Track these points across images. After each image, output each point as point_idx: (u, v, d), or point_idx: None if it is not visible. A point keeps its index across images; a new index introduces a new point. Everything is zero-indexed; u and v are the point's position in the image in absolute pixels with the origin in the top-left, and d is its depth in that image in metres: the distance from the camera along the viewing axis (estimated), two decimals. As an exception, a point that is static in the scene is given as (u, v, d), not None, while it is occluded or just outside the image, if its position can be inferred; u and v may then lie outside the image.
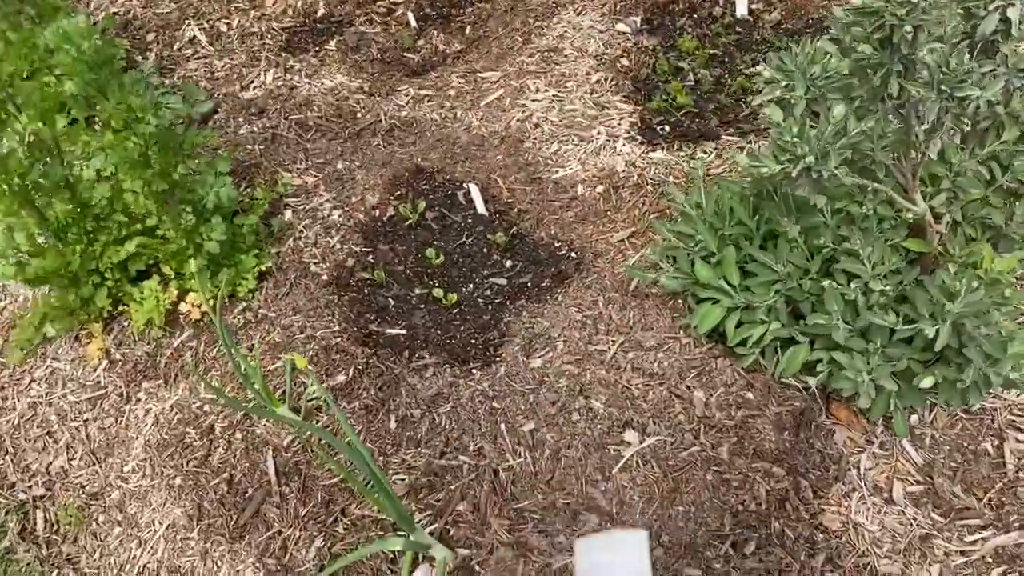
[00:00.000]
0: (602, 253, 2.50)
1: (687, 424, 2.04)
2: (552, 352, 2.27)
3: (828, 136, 1.63)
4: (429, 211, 2.73)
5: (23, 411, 2.53)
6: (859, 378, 1.83)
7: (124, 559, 2.20)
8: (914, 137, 1.78)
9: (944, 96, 1.59)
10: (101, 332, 2.54)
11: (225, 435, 2.26)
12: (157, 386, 2.42)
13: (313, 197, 2.77)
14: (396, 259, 2.62)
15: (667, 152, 2.68)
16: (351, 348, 2.34)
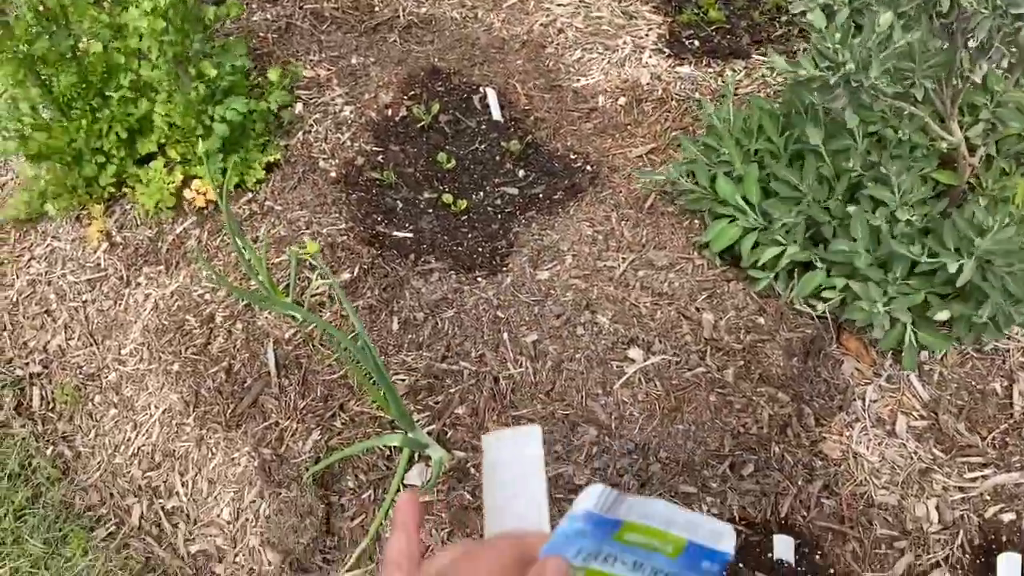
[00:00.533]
0: (619, 168, 2.43)
1: (694, 345, 2.00)
2: (560, 265, 2.23)
3: (872, 45, 1.55)
4: (443, 114, 2.64)
5: (22, 288, 2.50)
6: (874, 308, 1.78)
7: (119, 440, 2.20)
8: (958, 60, 1.69)
9: (998, 12, 1.50)
10: (102, 214, 2.49)
11: (225, 325, 2.24)
12: (158, 272, 2.39)
13: (325, 91, 2.69)
14: (406, 161, 2.55)
15: (695, 68, 2.58)
16: (357, 247, 2.30)
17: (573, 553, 0.58)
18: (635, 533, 0.58)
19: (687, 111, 2.50)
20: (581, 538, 0.57)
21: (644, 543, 0.58)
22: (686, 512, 0.59)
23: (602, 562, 0.59)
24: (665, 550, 0.59)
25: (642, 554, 0.59)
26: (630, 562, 0.59)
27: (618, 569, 0.59)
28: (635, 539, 0.58)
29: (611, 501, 0.58)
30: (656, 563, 0.59)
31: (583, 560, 0.58)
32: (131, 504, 2.12)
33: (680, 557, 0.59)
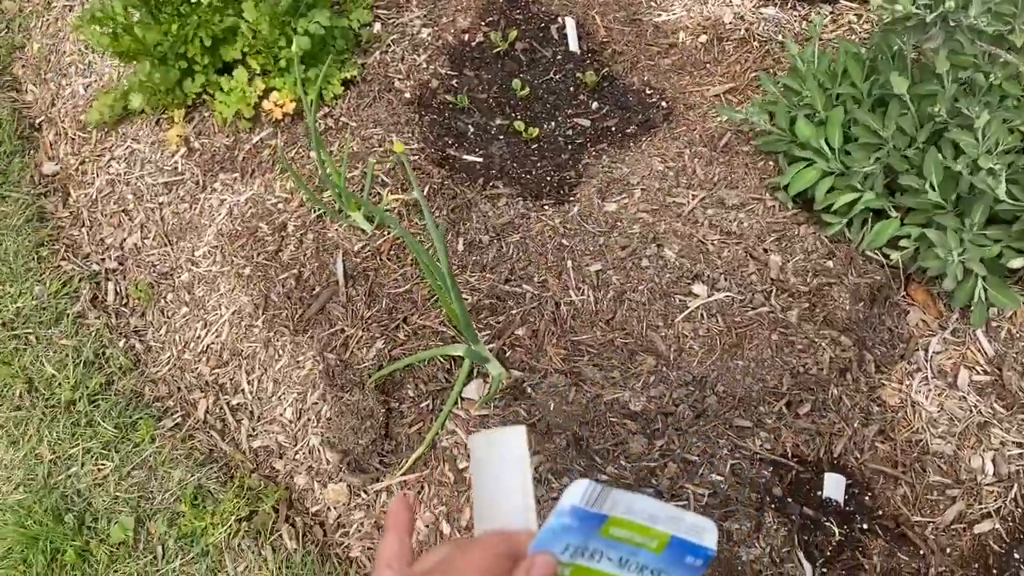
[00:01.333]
0: (695, 106, 2.41)
1: (759, 285, 2.00)
2: (628, 199, 2.23)
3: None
4: (519, 42, 2.64)
5: (101, 187, 2.58)
6: (949, 257, 1.76)
7: (188, 337, 2.28)
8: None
9: None
10: (182, 119, 2.54)
11: (297, 234, 2.29)
12: (233, 179, 2.44)
13: (404, 12, 2.69)
14: (480, 86, 2.56)
15: (780, 9, 2.53)
16: (427, 167, 2.32)
17: (561, 549, 0.59)
18: (620, 528, 0.60)
19: (768, 53, 2.45)
20: (568, 534, 0.59)
21: (629, 538, 0.60)
22: (669, 507, 0.61)
23: (588, 558, 0.60)
24: (650, 545, 0.60)
25: (627, 550, 0.60)
26: (616, 558, 0.60)
27: (604, 565, 0.60)
28: (620, 534, 0.60)
29: (596, 496, 0.60)
30: (641, 559, 0.60)
31: (571, 556, 0.60)
32: (197, 398, 2.21)
33: (665, 552, 0.60)
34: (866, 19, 2.48)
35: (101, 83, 2.78)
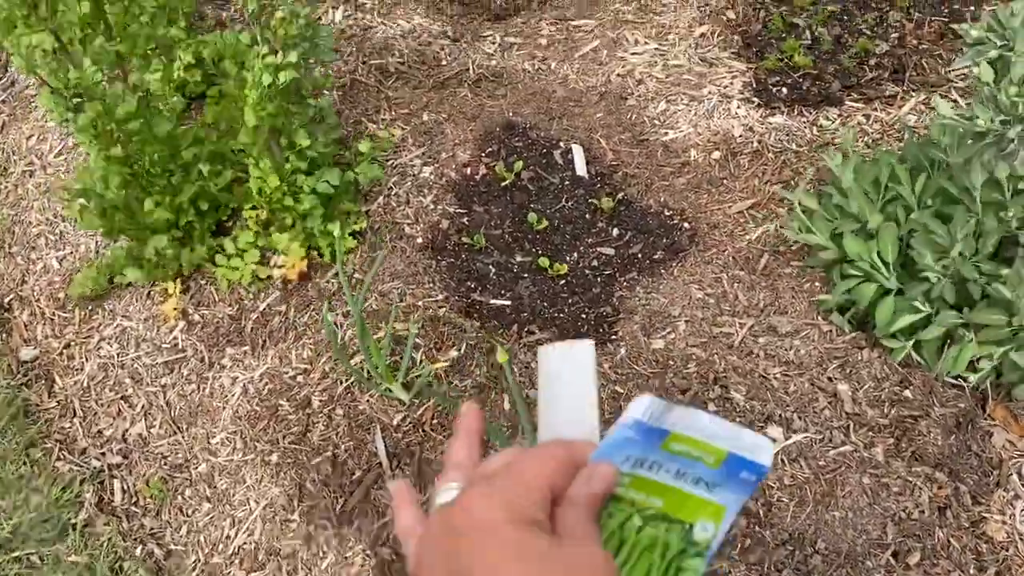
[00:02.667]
0: (719, 225, 2.33)
1: (835, 421, 1.90)
2: (674, 333, 2.12)
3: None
4: (524, 171, 2.54)
5: (93, 372, 2.36)
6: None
7: (215, 537, 2.06)
8: None
9: None
10: (177, 290, 2.36)
11: (324, 410, 2.11)
12: (243, 352, 2.26)
13: (401, 152, 2.58)
14: (492, 222, 2.45)
15: (787, 117, 2.50)
16: (458, 320, 2.18)
17: (621, 459, 0.62)
18: (680, 443, 0.63)
19: (786, 163, 2.41)
20: (629, 445, 0.62)
21: (687, 452, 0.62)
22: (729, 424, 0.63)
23: (647, 469, 0.62)
24: (707, 460, 0.62)
25: (685, 463, 0.62)
26: (673, 470, 0.62)
27: (661, 476, 0.62)
28: (679, 448, 0.62)
29: (659, 411, 0.64)
30: (697, 472, 0.62)
31: (630, 467, 0.62)
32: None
33: (721, 467, 0.62)
34: (875, 119, 2.47)
35: (78, 255, 2.57)
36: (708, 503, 0.61)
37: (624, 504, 0.62)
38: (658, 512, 0.61)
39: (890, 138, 2.41)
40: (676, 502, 0.61)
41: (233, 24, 3.06)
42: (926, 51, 2.56)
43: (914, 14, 2.65)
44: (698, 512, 0.61)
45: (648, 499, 0.62)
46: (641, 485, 0.62)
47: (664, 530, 0.60)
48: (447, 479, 0.64)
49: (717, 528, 0.61)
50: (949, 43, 2.56)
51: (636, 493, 0.62)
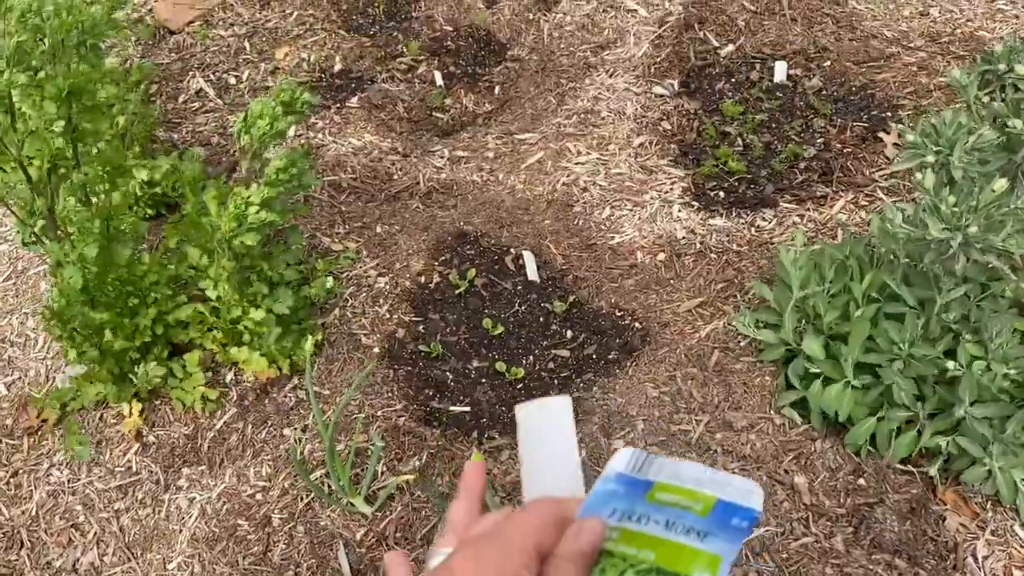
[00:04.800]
0: (669, 324, 2.41)
1: (795, 512, 1.94)
2: (633, 432, 2.16)
3: (991, 207, 1.58)
4: (478, 278, 2.60)
5: (42, 500, 2.29)
6: (992, 466, 1.76)
7: (172, 671, 1.98)
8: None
9: None
10: (136, 411, 2.32)
11: (285, 528, 2.07)
12: (200, 472, 2.22)
13: (356, 264, 2.62)
14: (448, 329, 2.49)
15: (726, 219, 2.62)
16: (419, 429, 2.19)
17: (608, 513, 0.61)
18: (666, 492, 0.62)
19: (728, 263, 2.51)
20: (615, 499, 0.62)
21: (675, 502, 0.62)
22: (714, 471, 0.63)
23: (635, 522, 0.61)
24: (695, 508, 0.61)
25: (674, 513, 0.61)
26: (662, 521, 0.61)
27: (651, 528, 0.61)
28: (666, 498, 0.62)
29: (642, 463, 0.63)
30: (687, 521, 0.61)
31: (618, 520, 0.61)
32: None
33: (710, 514, 0.61)
34: (808, 219, 2.61)
35: (27, 379, 2.53)
36: (702, 553, 0.61)
37: (616, 559, 0.61)
38: (652, 566, 0.61)
39: (824, 236, 2.55)
40: (669, 554, 0.61)
41: (185, 146, 3.13)
42: (851, 154, 2.73)
43: (837, 120, 2.85)
44: (693, 563, 0.60)
45: (640, 553, 0.61)
46: (631, 539, 0.62)
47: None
48: (443, 542, 0.65)
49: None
50: (871, 146, 2.74)
51: (627, 547, 0.61)
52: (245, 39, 3.55)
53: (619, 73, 3.20)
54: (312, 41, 3.51)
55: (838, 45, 3.09)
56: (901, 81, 2.94)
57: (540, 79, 3.25)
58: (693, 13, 3.29)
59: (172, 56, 3.55)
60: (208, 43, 3.53)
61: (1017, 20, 3.15)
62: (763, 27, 3.20)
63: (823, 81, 2.99)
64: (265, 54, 3.51)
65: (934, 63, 3.00)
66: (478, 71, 3.37)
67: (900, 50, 3.06)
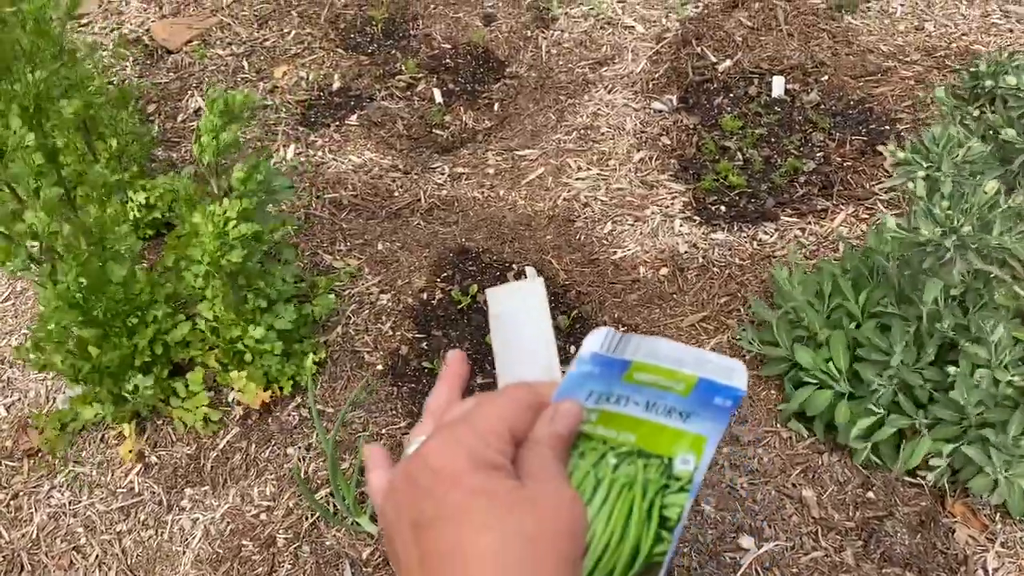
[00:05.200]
0: (672, 338, 2.39)
1: (804, 527, 1.93)
2: (639, 447, 2.15)
3: (984, 208, 1.59)
4: (480, 294, 2.60)
5: (43, 523, 2.27)
6: (997, 476, 1.76)
7: None
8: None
9: None
10: (133, 432, 2.31)
11: (290, 548, 2.05)
12: (203, 492, 2.20)
13: (358, 281, 2.61)
14: (452, 345, 2.47)
15: (727, 233, 2.63)
16: (424, 447, 2.17)
17: (584, 396, 0.58)
18: (645, 372, 0.58)
19: (731, 277, 2.52)
20: (591, 380, 0.58)
21: (654, 382, 0.58)
22: (694, 349, 0.59)
23: (614, 403, 0.59)
24: (676, 388, 0.58)
25: (654, 393, 0.58)
26: (643, 402, 0.59)
27: (631, 409, 0.59)
28: (645, 379, 0.58)
29: (617, 342, 0.59)
30: (668, 401, 0.58)
31: (595, 402, 0.58)
32: None
33: (692, 394, 0.58)
34: (810, 232, 2.61)
35: (27, 400, 2.51)
36: (685, 434, 0.59)
37: (595, 442, 0.59)
38: (633, 447, 0.59)
39: (826, 249, 2.55)
40: (651, 435, 0.59)
41: (183, 165, 3.13)
42: (850, 168, 2.74)
43: (836, 134, 2.86)
44: (676, 444, 0.58)
45: (620, 435, 0.59)
46: (610, 420, 0.59)
47: (642, 466, 0.58)
48: (421, 430, 0.62)
49: (699, 460, 0.59)
50: (870, 159, 2.75)
51: (606, 430, 0.59)
52: (243, 58, 3.56)
53: (618, 89, 3.21)
54: (310, 60, 3.52)
55: (835, 60, 3.11)
56: (899, 95, 2.96)
57: (539, 96, 3.26)
58: (690, 29, 3.31)
59: (170, 75, 3.55)
60: (206, 62, 3.54)
61: (1011, 34, 3.17)
62: (760, 42, 3.22)
63: (821, 95, 3.01)
64: (263, 73, 3.51)
65: (931, 77, 3.02)
66: (477, 88, 3.37)
67: (897, 64, 3.08)
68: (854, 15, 3.30)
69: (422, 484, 0.54)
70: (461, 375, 0.67)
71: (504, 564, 0.50)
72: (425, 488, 0.54)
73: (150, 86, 3.52)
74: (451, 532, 0.51)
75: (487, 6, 3.66)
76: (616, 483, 0.58)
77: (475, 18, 3.60)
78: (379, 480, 0.62)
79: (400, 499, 0.56)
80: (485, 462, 0.54)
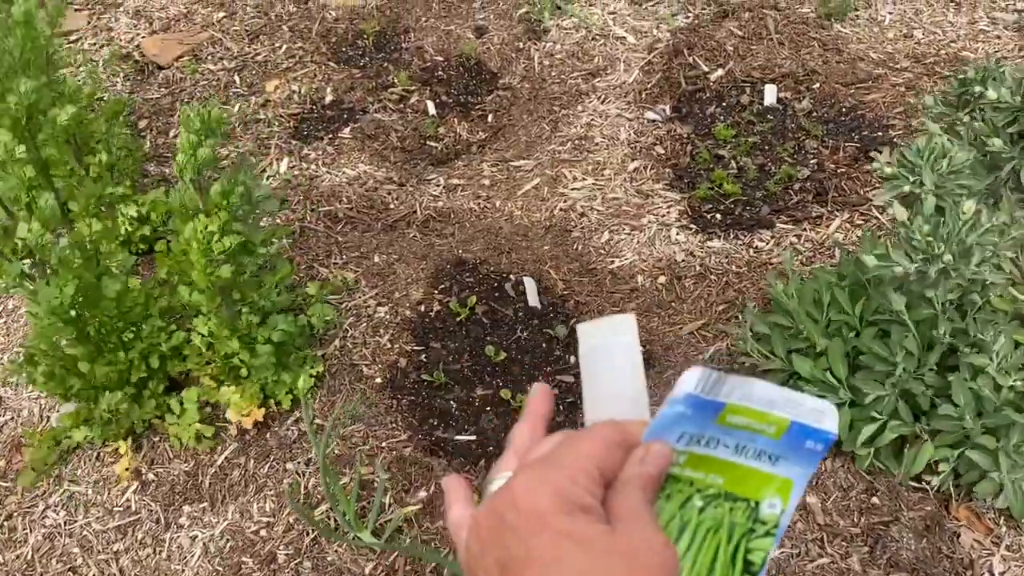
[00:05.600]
0: (672, 347, 2.40)
1: (809, 534, 1.92)
2: (641, 456, 2.13)
3: (963, 232, 1.59)
4: (478, 305, 2.59)
5: (38, 543, 2.23)
6: (1004, 480, 1.76)
7: None
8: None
9: None
10: (129, 449, 2.28)
11: (291, 564, 2.03)
12: (202, 509, 2.17)
13: (355, 294, 2.60)
14: (450, 357, 2.46)
15: (724, 241, 2.63)
16: (425, 460, 2.16)
17: (675, 437, 0.58)
18: (737, 415, 0.58)
19: (728, 284, 2.52)
20: (683, 422, 0.57)
21: (746, 425, 0.58)
22: (788, 391, 0.58)
23: (704, 446, 0.58)
24: (768, 431, 0.58)
25: (744, 436, 0.58)
26: (732, 445, 0.58)
27: (720, 452, 0.58)
28: (737, 421, 0.58)
29: (712, 383, 0.57)
30: (758, 444, 0.58)
31: (686, 444, 0.58)
32: None
33: (783, 437, 0.58)
34: (806, 239, 2.62)
35: (20, 420, 2.47)
36: (773, 477, 0.58)
37: (682, 485, 0.59)
38: (720, 490, 0.58)
39: (822, 255, 2.56)
40: (738, 479, 0.58)
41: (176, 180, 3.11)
42: (844, 174, 2.76)
43: (828, 141, 2.87)
44: (763, 488, 0.58)
45: (708, 477, 0.59)
46: (699, 463, 0.59)
47: (728, 510, 0.58)
48: (504, 466, 0.62)
49: (786, 504, 0.58)
50: (863, 166, 2.77)
51: (694, 472, 0.59)
52: (235, 73, 3.55)
53: (611, 99, 3.22)
54: (302, 73, 3.51)
55: (826, 68, 3.13)
56: (890, 101, 2.98)
57: (533, 107, 3.26)
58: (682, 39, 3.33)
59: (161, 91, 3.54)
60: (197, 77, 3.53)
61: (999, 40, 3.20)
62: (751, 52, 3.24)
63: (813, 103, 3.03)
64: (255, 87, 3.51)
65: (920, 83, 3.04)
66: (470, 100, 3.38)
67: (887, 71, 3.10)
68: (843, 23, 3.33)
69: (508, 522, 0.53)
70: (545, 413, 0.66)
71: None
72: (512, 526, 0.53)
73: (141, 101, 3.51)
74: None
75: (479, 18, 3.67)
76: (702, 526, 0.57)
77: (467, 30, 3.61)
78: (461, 515, 0.62)
79: (485, 536, 0.55)
80: (573, 503, 0.53)
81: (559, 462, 0.56)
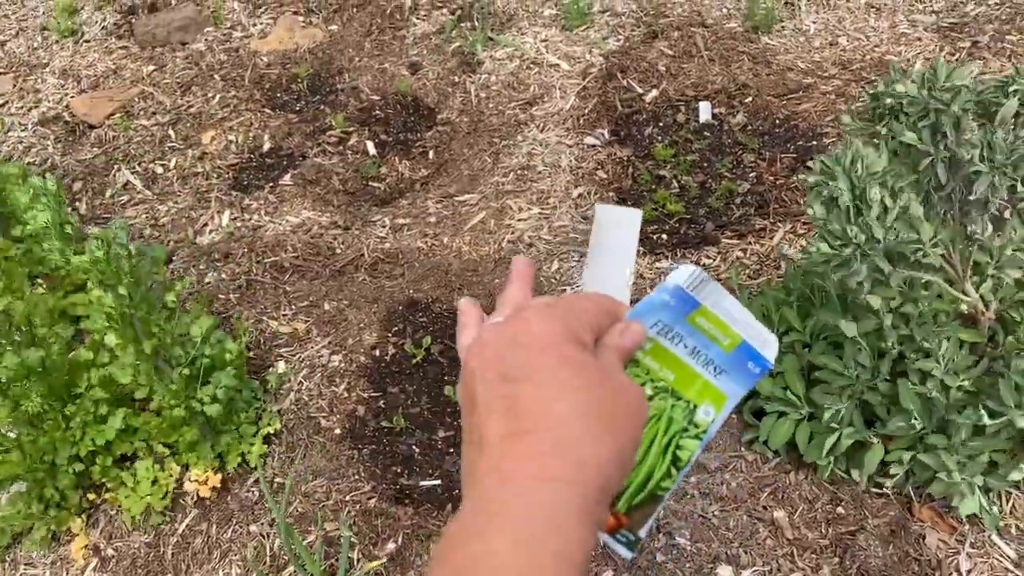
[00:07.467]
0: (629, 372, 2.40)
1: (779, 549, 1.93)
2: (608, 485, 2.13)
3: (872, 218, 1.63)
4: (434, 345, 2.57)
5: (-6, 634, 2.15)
6: (952, 478, 1.78)
7: None
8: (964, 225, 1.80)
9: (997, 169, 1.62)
10: (84, 527, 2.21)
11: (261, 631, 1.98)
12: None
13: (307, 344, 2.56)
14: (409, 401, 2.44)
15: (671, 261, 2.65)
16: (391, 510, 2.13)
17: (651, 322, 0.65)
18: (705, 319, 0.66)
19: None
20: (663, 310, 0.66)
21: (708, 330, 0.66)
22: (748, 314, 0.67)
23: (669, 339, 0.65)
24: (723, 343, 0.66)
25: (703, 341, 0.66)
26: (691, 346, 0.65)
27: (679, 351, 0.65)
28: (703, 324, 0.66)
29: (698, 282, 0.66)
30: (711, 353, 0.65)
31: (656, 332, 0.65)
32: None
33: (732, 352, 0.66)
34: (751, 252, 2.65)
35: (-32, 504, 2.38)
36: (713, 388, 0.65)
37: (640, 370, 0.65)
38: (668, 386, 0.65)
39: (768, 267, 2.59)
40: (686, 380, 0.65)
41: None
42: (783, 185, 2.80)
43: (765, 154, 2.92)
44: (703, 395, 0.65)
45: (661, 370, 0.65)
46: (658, 354, 0.66)
47: (670, 405, 0.64)
48: (500, 314, 0.67)
49: (717, 415, 0.65)
50: (802, 175, 2.81)
51: (652, 362, 0.65)
52: (169, 127, 3.50)
53: (550, 127, 3.24)
54: (238, 122, 3.48)
55: (757, 81, 3.19)
56: (821, 110, 3.04)
57: (473, 140, 3.26)
58: (614, 63, 3.37)
59: (95, 151, 3.48)
60: (131, 134, 3.47)
61: (920, 42, 3.30)
62: (683, 70, 3.28)
63: (747, 117, 3.08)
64: (191, 140, 3.46)
65: (850, 90, 3.11)
66: (410, 137, 3.37)
67: (816, 80, 3.17)
68: (770, 35, 3.40)
69: (519, 342, 0.60)
70: (530, 274, 0.72)
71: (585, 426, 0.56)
72: (522, 345, 0.59)
73: (75, 163, 3.44)
74: (536, 391, 0.57)
75: (412, 55, 3.67)
76: None
77: (401, 67, 3.61)
78: (470, 336, 0.68)
79: (489, 355, 0.60)
80: (577, 336, 0.60)
81: (566, 308, 0.63)
